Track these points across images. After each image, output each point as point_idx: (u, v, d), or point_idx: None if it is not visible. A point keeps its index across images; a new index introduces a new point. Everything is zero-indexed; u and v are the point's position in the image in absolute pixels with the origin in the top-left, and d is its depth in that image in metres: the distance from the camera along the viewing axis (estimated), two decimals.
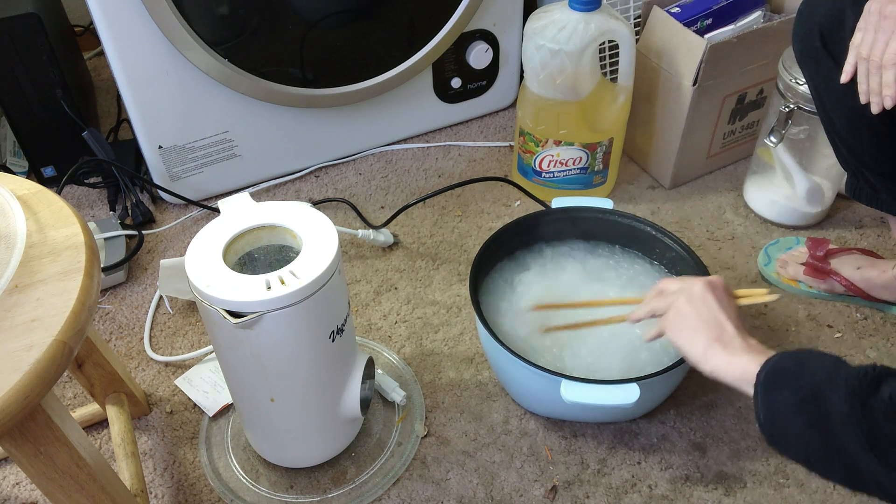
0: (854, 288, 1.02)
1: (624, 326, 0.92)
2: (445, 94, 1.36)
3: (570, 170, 1.19)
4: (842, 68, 0.79)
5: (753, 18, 1.20)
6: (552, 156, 1.17)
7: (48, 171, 1.30)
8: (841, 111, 0.84)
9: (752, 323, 1.03)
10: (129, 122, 1.20)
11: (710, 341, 0.70)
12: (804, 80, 0.90)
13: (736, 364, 0.67)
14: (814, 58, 0.82)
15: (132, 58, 1.08)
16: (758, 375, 0.63)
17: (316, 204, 1.26)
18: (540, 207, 1.17)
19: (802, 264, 1.06)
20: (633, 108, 1.19)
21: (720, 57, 1.09)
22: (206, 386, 0.98)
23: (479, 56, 1.32)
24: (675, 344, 0.74)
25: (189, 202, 1.24)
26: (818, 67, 0.83)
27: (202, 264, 0.70)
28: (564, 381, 0.79)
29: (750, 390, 0.64)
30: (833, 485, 0.86)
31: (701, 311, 0.72)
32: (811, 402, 0.58)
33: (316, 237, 0.73)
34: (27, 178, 1.19)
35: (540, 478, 0.87)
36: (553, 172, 1.20)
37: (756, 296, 0.77)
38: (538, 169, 1.20)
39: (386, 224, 1.19)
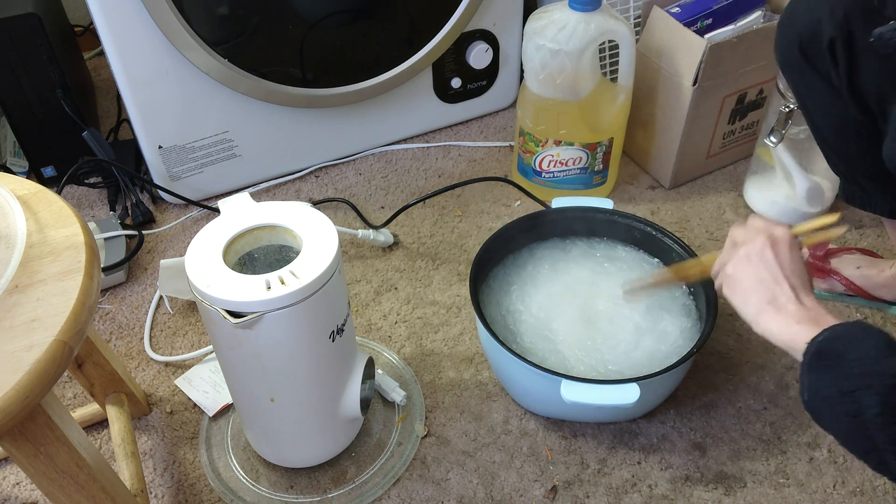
0: (854, 287, 1.02)
1: (626, 324, 0.92)
2: (445, 94, 1.36)
3: (570, 170, 1.19)
4: (822, 77, 0.80)
5: (753, 18, 1.20)
6: (552, 156, 1.17)
7: (48, 171, 1.30)
8: (826, 119, 0.84)
9: None
10: (129, 122, 1.20)
11: (764, 304, 0.69)
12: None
13: (785, 332, 0.66)
14: (795, 68, 0.83)
15: (132, 58, 1.08)
16: (804, 353, 0.62)
17: (316, 204, 1.26)
18: (540, 207, 1.17)
19: None
20: (633, 108, 1.19)
21: (720, 57, 1.09)
22: (206, 386, 0.98)
23: (479, 56, 1.32)
24: (729, 301, 0.73)
25: (189, 202, 1.24)
26: (800, 77, 0.83)
27: (202, 264, 0.70)
28: (564, 381, 0.79)
29: (797, 357, 0.64)
30: (833, 484, 0.86)
31: (758, 271, 0.70)
32: (849, 395, 0.58)
33: (316, 237, 0.73)
34: (27, 178, 1.19)
35: (540, 478, 0.87)
36: (553, 172, 1.20)
37: (820, 235, 0.74)
38: (538, 169, 1.20)
39: (386, 224, 1.19)
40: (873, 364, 0.58)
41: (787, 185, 1.15)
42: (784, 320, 0.67)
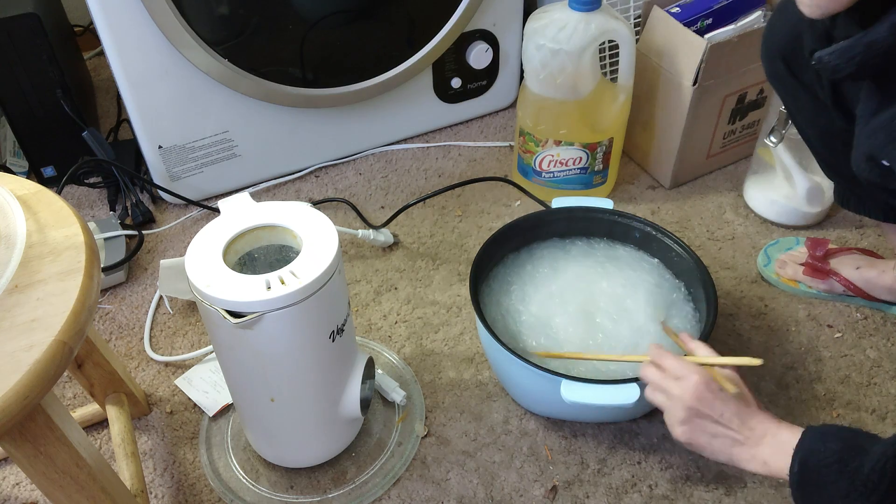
0: (854, 288, 1.02)
1: (627, 324, 0.92)
2: (445, 94, 1.36)
3: (570, 170, 1.19)
4: (806, 88, 0.81)
5: (753, 18, 1.20)
6: (552, 156, 1.17)
7: (48, 171, 1.30)
8: (813, 127, 0.85)
9: (752, 323, 1.04)
10: (129, 122, 1.20)
11: (729, 450, 0.72)
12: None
13: (762, 469, 0.70)
14: (780, 78, 0.83)
15: (132, 58, 1.08)
16: (790, 485, 0.66)
17: (316, 204, 1.26)
18: (540, 207, 1.17)
19: (802, 264, 1.06)
20: (633, 108, 1.19)
21: (720, 57, 1.09)
22: (206, 386, 0.98)
23: (479, 56, 1.32)
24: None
25: (189, 202, 1.24)
26: (786, 88, 0.84)
27: (202, 264, 0.70)
28: (564, 381, 0.79)
29: (781, 480, 0.68)
30: None
31: (704, 430, 0.73)
32: None
33: (316, 237, 0.73)
34: (27, 178, 1.19)
35: (540, 478, 0.87)
36: (553, 172, 1.20)
37: (729, 384, 0.76)
38: (538, 169, 1.20)
39: (386, 224, 1.19)
40: (850, 483, 0.61)
41: (787, 184, 1.15)
42: (751, 456, 0.71)
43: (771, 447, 0.70)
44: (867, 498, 0.60)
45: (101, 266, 0.86)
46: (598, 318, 0.93)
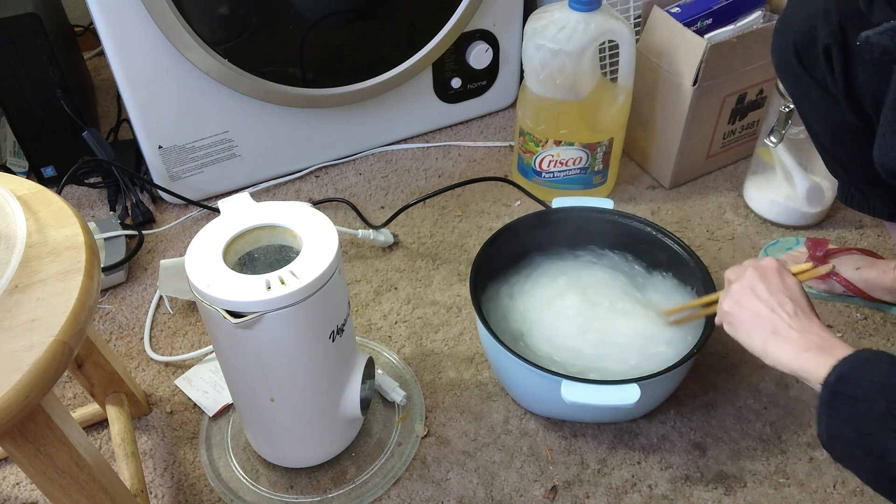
0: (854, 288, 1.02)
1: (627, 323, 0.92)
2: (445, 94, 1.36)
3: (570, 170, 1.19)
4: (818, 83, 0.80)
5: (753, 18, 1.20)
6: (552, 156, 1.17)
7: (48, 171, 1.30)
8: (823, 124, 0.84)
9: None
10: (129, 122, 1.20)
11: (767, 335, 0.69)
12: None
13: (795, 361, 0.67)
14: (791, 73, 0.83)
15: (132, 58, 1.08)
16: (820, 395, 0.62)
17: (316, 204, 1.26)
18: (540, 207, 1.17)
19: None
20: (633, 108, 1.19)
21: (720, 57, 1.09)
22: (206, 386, 0.98)
23: (479, 56, 1.32)
24: (735, 338, 0.74)
25: (189, 202, 1.24)
26: (796, 82, 0.83)
27: (202, 264, 0.70)
28: (564, 381, 0.79)
29: (812, 386, 0.65)
30: (833, 484, 0.85)
31: (753, 304, 0.71)
32: (870, 439, 0.58)
33: (316, 237, 0.73)
34: (27, 178, 1.19)
35: (540, 478, 0.87)
36: (553, 172, 1.20)
37: (805, 273, 0.75)
38: (538, 169, 1.20)
39: (386, 224, 1.19)
40: (890, 402, 0.57)
41: (787, 184, 1.15)
42: (791, 349, 0.67)
43: (814, 349, 0.65)
44: None
45: (101, 266, 0.86)
46: (597, 318, 0.93)
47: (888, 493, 0.60)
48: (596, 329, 0.92)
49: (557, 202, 1.03)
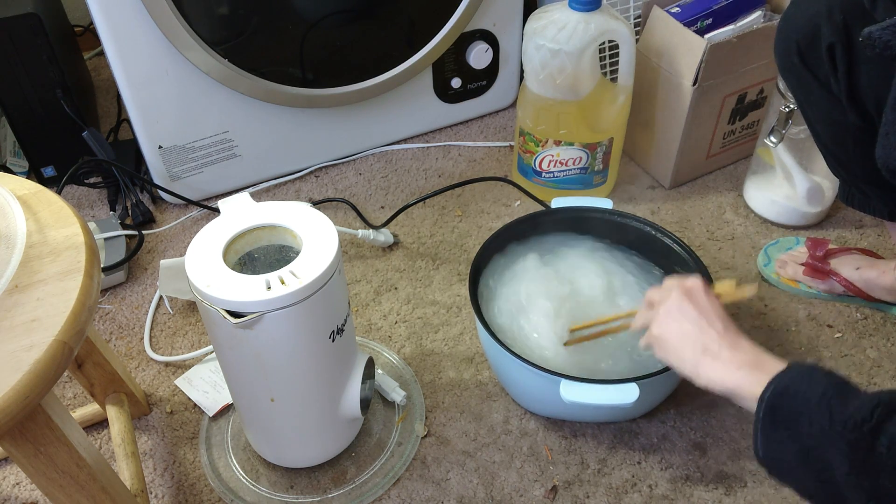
0: (853, 288, 1.02)
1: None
2: (445, 94, 1.36)
3: (570, 170, 1.19)
4: (821, 83, 0.79)
5: (753, 18, 1.20)
6: (552, 156, 1.17)
7: (48, 171, 1.30)
8: (825, 124, 0.84)
9: (752, 323, 1.04)
10: (129, 122, 1.20)
11: (698, 355, 0.69)
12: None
13: (728, 379, 0.65)
14: (794, 73, 0.83)
15: (132, 58, 1.08)
16: (756, 412, 0.60)
17: (316, 204, 1.26)
18: (540, 207, 1.17)
19: (802, 264, 1.06)
20: (633, 108, 1.19)
21: (720, 57, 1.09)
22: (206, 386, 0.98)
23: (479, 56, 1.32)
24: (665, 362, 0.74)
25: (189, 202, 1.24)
26: (799, 82, 0.83)
27: (202, 264, 0.70)
28: (564, 381, 0.79)
29: (745, 405, 0.63)
30: None
31: (681, 325, 0.71)
32: (812, 454, 0.56)
33: (316, 237, 0.73)
34: (27, 178, 1.19)
35: (540, 478, 0.87)
36: (553, 172, 1.20)
37: (731, 294, 0.75)
38: (538, 169, 1.20)
39: (386, 224, 1.19)
40: (830, 415, 0.55)
41: (787, 184, 1.15)
42: (723, 367, 0.66)
43: (747, 366, 0.64)
44: (843, 437, 0.54)
45: (101, 266, 0.86)
46: (597, 317, 0.93)
47: None
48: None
49: (557, 202, 1.03)
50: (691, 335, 0.70)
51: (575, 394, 0.79)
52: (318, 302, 0.71)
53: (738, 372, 0.65)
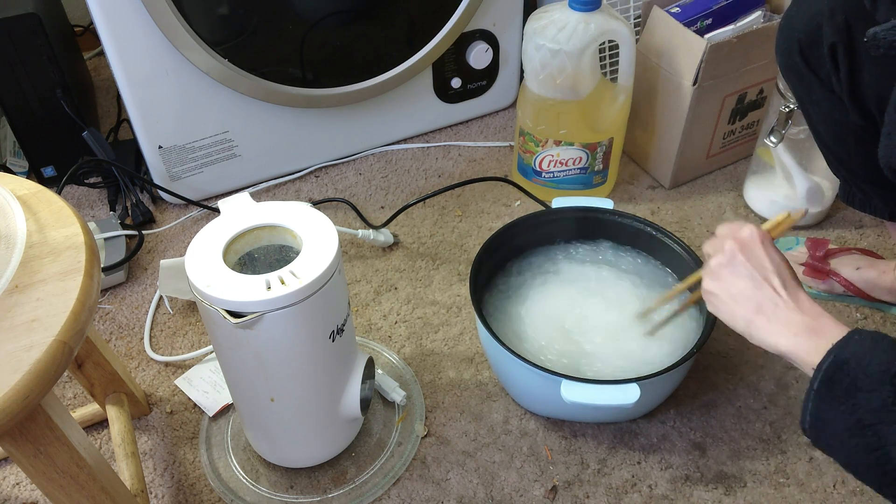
0: (853, 288, 1.02)
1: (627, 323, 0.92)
2: (445, 94, 1.36)
3: (570, 170, 1.19)
4: (823, 82, 0.79)
5: (753, 18, 1.20)
6: (552, 156, 1.17)
7: (48, 171, 1.30)
8: (826, 123, 0.84)
9: None
10: (129, 122, 1.20)
11: (751, 314, 0.66)
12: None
13: (783, 343, 0.63)
14: (796, 72, 0.83)
15: (132, 58, 1.08)
16: (812, 380, 0.58)
17: (316, 204, 1.26)
18: (540, 207, 1.17)
19: (802, 265, 1.06)
20: (633, 108, 1.19)
21: (720, 57, 1.09)
22: (206, 386, 0.98)
23: (479, 56, 1.32)
24: (721, 319, 0.71)
25: (189, 202, 1.24)
26: (800, 81, 0.83)
27: (202, 264, 0.70)
28: (564, 381, 0.79)
29: (799, 367, 0.62)
30: (833, 484, 0.85)
31: (735, 280, 0.67)
32: (867, 429, 0.55)
33: (316, 237, 0.73)
34: (27, 178, 1.19)
35: (540, 478, 0.87)
36: (553, 172, 1.20)
37: (784, 222, 0.72)
38: (538, 169, 1.20)
39: (386, 224, 1.19)
40: (890, 392, 0.54)
41: (787, 185, 1.15)
42: (778, 330, 0.64)
43: (804, 331, 0.62)
44: None
45: (102, 266, 0.86)
46: (597, 317, 0.93)
47: (876, 484, 0.57)
48: (595, 327, 0.92)
49: (557, 202, 1.03)
50: (745, 292, 0.67)
51: (576, 394, 0.79)
52: (318, 302, 0.71)
53: (794, 337, 0.63)
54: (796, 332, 0.63)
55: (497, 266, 1.01)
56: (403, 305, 1.08)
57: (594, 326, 0.92)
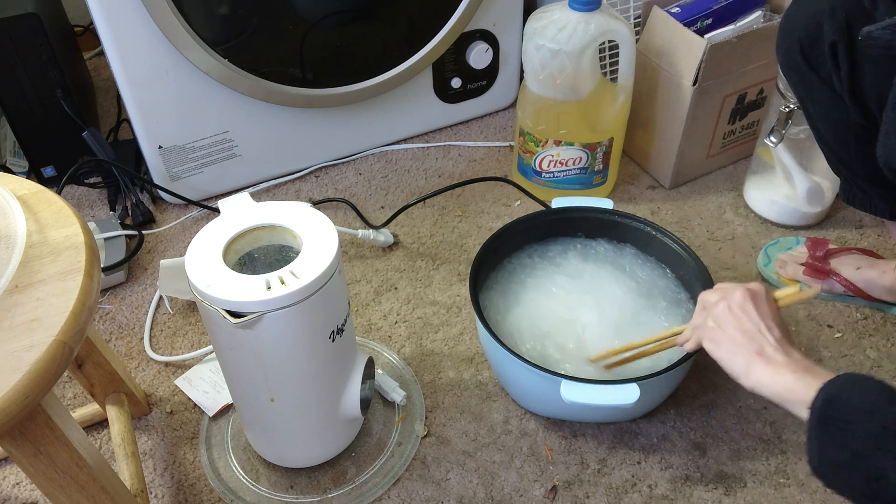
0: (854, 288, 1.02)
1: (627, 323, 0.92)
2: (445, 94, 1.36)
3: (570, 170, 1.19)
4: (823, 81, 0.79)
5: (753, 18, 1.20)
6: (552, 156, 1.17)
7: (48, 171, 1.30)
8: (827, 122, 0.84)
9: None
10: (129, 122, 1.20)
11: (752, 355, 0.69)
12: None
13: (779, 382, 0.66)
14: (796, 71, 0.83)
15: (132, 58, 1.08)
16: (809, 419, 0.61)
17: (316, 204, 1.26)
18: (540, 207, 1.17)
19: (802, 264, 1.06)
20: (633, 108, 1.19)
21: (720, 57, 1.09)
22: (206, 386, 0.98)
23: (479, 56, 1.32)
24: (714, 357, 0.73)
25: (189, 202, 1.24)
26: (801, 80, 0.83)
27: (202, 264, 0.70)
28: (564, 381, 0.79)
29: (794, 409, 0.64)
30: None
31: (741, 323, 0.71)
32: (866, 462, 0.57)
33: (316, 237, 0.73)
34: (27, 178, 1.19)
35: (540, 478, 0.87)
36: (553, 172, 1.20)
37: (793, 296, 0.75)
38: (538, 169, 1.20)
39: (386, 224, 1.19)
40: (883, 423, 0.57)
41: (787, 184, 1.15)
42: (776, 370, 0.67)
43: (800, 370, 0.65)
44: None
45: (102, 266, 0.86)
46: (597, 318, 0.93)
47: None
48: (595, 327, 0.92)
49: (557, 202, 1.03)
50: (750, 333, 0.70)
51: (575, 394, 0.79)
52: (318, 302, 0.71)
53: (790, 375, 0.66)
54: (793, 372, 0.66)
55: (497, 266, 1.01)
56: (403, 305, 1.08)
57: (594, 326, 0.92)
